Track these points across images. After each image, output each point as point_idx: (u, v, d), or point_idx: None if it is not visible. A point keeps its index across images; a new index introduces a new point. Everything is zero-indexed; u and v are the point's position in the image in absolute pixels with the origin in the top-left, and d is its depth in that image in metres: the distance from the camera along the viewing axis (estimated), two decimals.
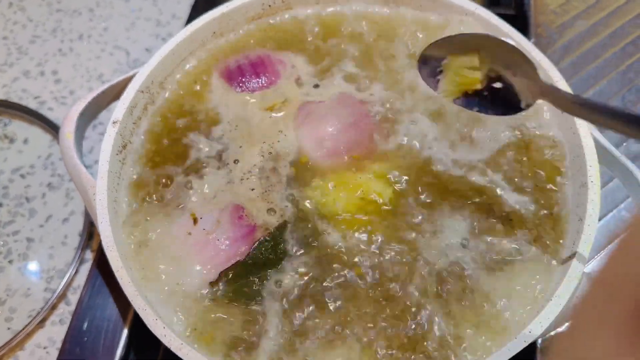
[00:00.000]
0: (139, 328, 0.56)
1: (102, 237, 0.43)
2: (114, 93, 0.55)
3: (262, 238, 0.46)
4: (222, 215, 0.48)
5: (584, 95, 0.69)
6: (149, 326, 0.40)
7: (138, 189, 0.50)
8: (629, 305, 0.18)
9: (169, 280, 0.45)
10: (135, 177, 0.51)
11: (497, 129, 0.52)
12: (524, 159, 0.50)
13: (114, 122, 0.48)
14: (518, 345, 0.39)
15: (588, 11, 0.75)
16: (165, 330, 0.39)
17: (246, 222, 0.48)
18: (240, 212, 0.48)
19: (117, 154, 0.48)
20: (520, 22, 0.75)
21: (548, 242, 0.46)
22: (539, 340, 0.52)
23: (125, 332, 0.56)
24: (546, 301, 0.42)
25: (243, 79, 0.56)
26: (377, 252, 0.46)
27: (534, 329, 0.40)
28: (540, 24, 0.75)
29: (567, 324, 0.47)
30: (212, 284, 0.44)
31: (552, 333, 0.51)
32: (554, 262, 0.45)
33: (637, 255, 0.18)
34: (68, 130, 0.50)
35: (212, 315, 0.44)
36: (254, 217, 0.48)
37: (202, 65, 0.57)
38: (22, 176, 0.67)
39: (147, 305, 0.41)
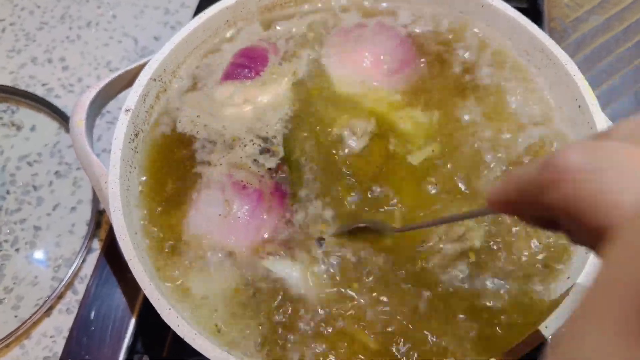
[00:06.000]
0: (146, 317, 0.56)
1: (114, 226, 0.42)
2: (125, 81, 0.54)
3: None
4: (226, 194, 0.47)
5: (597, 91, 0.69)
6: (162, 316, 0.39)
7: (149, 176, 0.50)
8: (633, 304, 0.17)
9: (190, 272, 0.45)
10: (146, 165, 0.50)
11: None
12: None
13: (126, 110, 0.48)
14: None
15: (602, 5, 0.74)
16: (179, 320, 0.39)
17: (251, 189, 0.47)
18: (240, 183, 0.48)
19: (129, 142, 0.48)
20: (533, 15, 0.74)
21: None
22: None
23: (132, 321, 0.55)
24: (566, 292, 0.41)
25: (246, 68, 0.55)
26: None
27: (551, 325, 0.39)
28: (554, 17, 0.74)
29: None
30: None
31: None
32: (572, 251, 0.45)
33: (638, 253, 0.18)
34: (79, 118, 0.49)
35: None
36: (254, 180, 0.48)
37: None
38: (29, 164, 0.66)
39: (160, 295, 0.40)
